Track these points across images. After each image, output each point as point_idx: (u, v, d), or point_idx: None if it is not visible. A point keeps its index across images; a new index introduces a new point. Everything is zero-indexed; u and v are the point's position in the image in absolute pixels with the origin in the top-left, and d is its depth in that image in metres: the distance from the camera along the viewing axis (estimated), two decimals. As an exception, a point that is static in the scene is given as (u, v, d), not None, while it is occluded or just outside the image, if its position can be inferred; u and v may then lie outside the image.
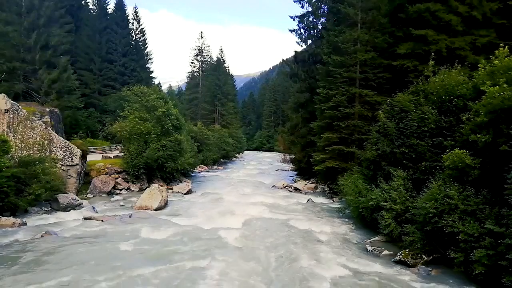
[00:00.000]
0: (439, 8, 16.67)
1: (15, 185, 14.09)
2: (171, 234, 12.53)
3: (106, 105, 42.91)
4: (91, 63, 44.72)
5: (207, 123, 55.95)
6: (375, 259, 10.61)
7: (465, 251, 8.59)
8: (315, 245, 11.76)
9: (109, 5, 50.25)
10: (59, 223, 13.66)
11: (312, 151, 24.33)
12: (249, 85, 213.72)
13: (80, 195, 18.98)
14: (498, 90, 8.80)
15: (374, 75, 20.33)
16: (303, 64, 30.26)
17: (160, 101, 24.68)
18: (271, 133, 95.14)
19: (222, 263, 9.70)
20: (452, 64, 13.52)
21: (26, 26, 29.85)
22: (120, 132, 24.53)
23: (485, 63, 10.41)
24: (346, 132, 20.38)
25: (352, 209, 14.84)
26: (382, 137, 13.72)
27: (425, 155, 11.76)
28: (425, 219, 9.81)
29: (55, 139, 18.90)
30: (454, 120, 11.37)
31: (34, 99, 29.15)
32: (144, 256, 10.14)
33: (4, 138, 14.97)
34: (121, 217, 14.93)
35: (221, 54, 67.96)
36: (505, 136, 8.71)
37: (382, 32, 19.80)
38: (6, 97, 17.90)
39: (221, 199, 20.31)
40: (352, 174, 15.99)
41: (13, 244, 10.88)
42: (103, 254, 10.18)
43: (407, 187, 11.76)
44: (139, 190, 21.80)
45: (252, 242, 12.00)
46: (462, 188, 9.46)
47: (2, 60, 27.91)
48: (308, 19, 29.36)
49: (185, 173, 29.30)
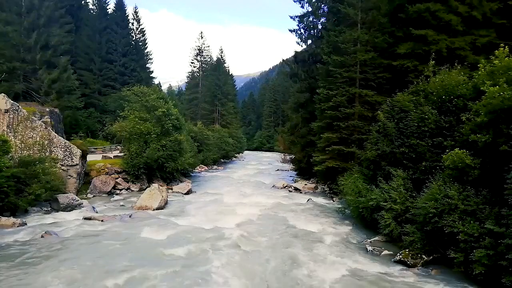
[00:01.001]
0: (439, 8, 16.66)
1: (15, 185, 14.09)
2: (171, 234, 12.53)
3: (106, 105, 42.90)
4: (91, 63, 44.71)
5: (207, 123, 55.96)
6: (375, 259, 10.61)
7: (465, 251, 8.59)
8: (315, 245, 11.76)
9: (109, 5, 50.29)
10: (59, 223, 13.66)
11: (312, 151, 24.32)
12: (249, 85, 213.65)
13: (80, 195, 18.98)
14: (498, 90, 8.81)
15: (374, 75, 20.33)
16: (303, 64, 30.25)
17: (160, 101, 24.69)
18: (271, 133, 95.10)
19: (222, 263, 9.69)
20: (452, 64, 13.53)
21: (26, 26, 29.82)
22: (120, 132, 24.54)
23: (485, 63, 10.42)
24: (346, 132, 20.36)
25: (352, 209, 14.84)
26: (382, 137, 13.72)
27: (425, 155, 11.76)
28: (425, 219, 9.81)
29: (55, 139, 18.90)
30: (454, 120, 11.37)
31: (34, 99, 29.13)
32: (144, 256, 10.13)
33: (4, 138, 14.97)
34: (121, 217, 14.94)
35: (221, 54, 68.07)
36: (505, 136, 8.71)
37: (382, 32, 19.79)
38: (6, 97, 17.90)
39: (221, 199, 20.32)
40: (352, 174, 15.98)
41: (13, 244, 10.88)
42: (103, 254, 10.18)
43: (407, 187, 11.77)
44: (139, 190, 21.80)
45: (252, 242, 12.00)
46: (462, 188, 9.47)
47: (2, 60, 27.89)
48: (308, 19, 29.35)
49: (185, 173, 29.31)
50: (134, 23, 51.35)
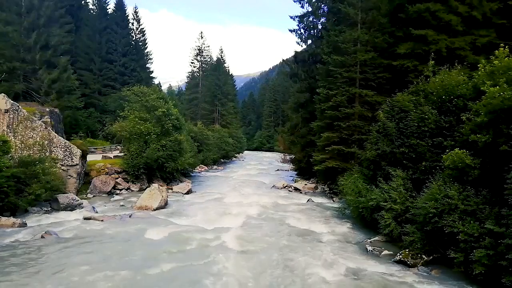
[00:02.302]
0: (439, 8, 16.67)
1: (15, 185, 14.10)
2: (171, 234, 12.53)
3: (106, 105, 42.90)
4: (91, 63, 44.68)
5: (207, 123, 55.95)
6: (375, 259, 10.61)
7: (465, 251, 8.59)
8: (315, 245, 11.77)
9: (109, 5, 50.26)
10: (59, 223, 13.65)
11: (312, 151, 24.32)
12: (249, 85, 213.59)
13: (80, 195, 18.98)
14: (498, 90, 8.81)
15: (374, 75, 20.33)
16: (303, 64, 30.24)
17: (160, 101, 24.70)
18: (271, 133, 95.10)
19: (222, 263, 9.70)
20: (452, 64, 13.53)
21: (26, 26, 29.81)
22: (120, 132, 24.55)
23: (485, 63, 10.42)
24: (346, 132, 20.36)
25: (352, 209, 14.84)
26: (382, 137, 13.73)
27: (425, 155, 11.76)
28: (425, 219, 9.81)
29: (55, 139, 18.90)
30: (454, 120, 11.37)
31: (34, 99, 29.12)
32: (144, 256, 10.13)
33: (4, 138, 14.98)
34: (121, 217, 14.94)
35: (221, 54, 68.05)
36: (505, 136, 8.71)
37: (382, 32, 19.80)
38: (6, 97, 17.89)
39: (221, 199, 20.32)
40: (352, 174, 15.98)
41: (13, 244, 10.87)
42: (103, 254, 10.18)
43: (407, 187, 11.77)
44: (139, 190, 21.80)
45: (252, 242, 12.00)
46: (462, 188, 9.47)
47: (2, 60, 27.88)
48: (308, 19, 29.34)
49: (185, 173, 29.32)
50: (134, 23, 51.34)
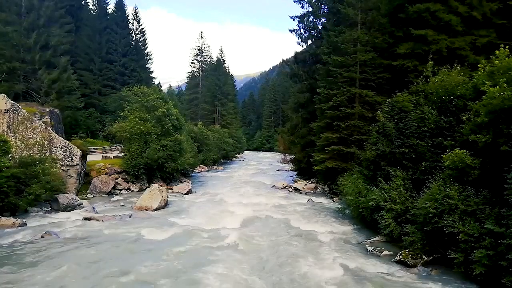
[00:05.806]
0: (439, 8, 16.66)
1: (15, 185, 14.10)
2: (171, 235, 12.54)
3: (106, 105, 42.86)
4: (91, 63, 44.68)
5: (207, 123, 55.91)
6: (375, 259, 10.61)
7: (465, 251, 8.59)
8: (315, 245, 11.76)
9: (109, 5, 50.28)
10: (59, 223, 13.65)
11: (312, 151, 24.30)
12: (249, 85, 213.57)
13: (80, 195, 18.98)
14: (498, 90, 8.81)
15: (374, 75, 20.33)
16: (303, 64, 30.24)
17: (160, 101, 24.70)
18: (271, 133, 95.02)
19: (222, 263, 9.69)
20: (452, 64, 13.52)
21: (26, 26, 29.78)
22: (120, 132, 24.56)
23: (485, 63, 10.42)
24: (346, 132, 20.35)
25: (352, 209, 14.84)
26: (381, 137, 13.73)
27: (425, 155, 11.76)
28: (425, 219, 9.81)
29: (55, 139, 18.90)
30: (454, 120, 11.37)
31: (34, 99, 29.09)
32: (144, 257, 10.13)
33: (4, 138, 14.97)
34: (121, 217, 14.95)
35: (221, 54, 68.07)
36: (505, 136, 8.71)
37: (382, 32, 19.79)
38: (6, 97, 17.90)
39: (221, 199, 20.31)
40: (352, 174, 15.98)
41: (13, 245, 10.88)
42: (103, 254, 10.18)
43: (407, 187, 11.77)
44: (139, 190, 21.80)
45: (252, 242, 12.01)
46: (462, 188, 9.47)
47: (2, 60, 27.84)
48: (308, 19, 29.32)
49: (185, 173, 29.30)
50: (134, 23, 51.28)
